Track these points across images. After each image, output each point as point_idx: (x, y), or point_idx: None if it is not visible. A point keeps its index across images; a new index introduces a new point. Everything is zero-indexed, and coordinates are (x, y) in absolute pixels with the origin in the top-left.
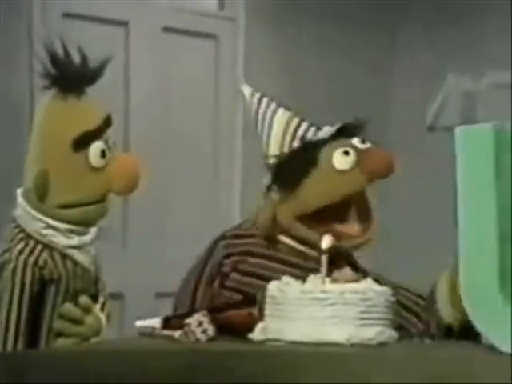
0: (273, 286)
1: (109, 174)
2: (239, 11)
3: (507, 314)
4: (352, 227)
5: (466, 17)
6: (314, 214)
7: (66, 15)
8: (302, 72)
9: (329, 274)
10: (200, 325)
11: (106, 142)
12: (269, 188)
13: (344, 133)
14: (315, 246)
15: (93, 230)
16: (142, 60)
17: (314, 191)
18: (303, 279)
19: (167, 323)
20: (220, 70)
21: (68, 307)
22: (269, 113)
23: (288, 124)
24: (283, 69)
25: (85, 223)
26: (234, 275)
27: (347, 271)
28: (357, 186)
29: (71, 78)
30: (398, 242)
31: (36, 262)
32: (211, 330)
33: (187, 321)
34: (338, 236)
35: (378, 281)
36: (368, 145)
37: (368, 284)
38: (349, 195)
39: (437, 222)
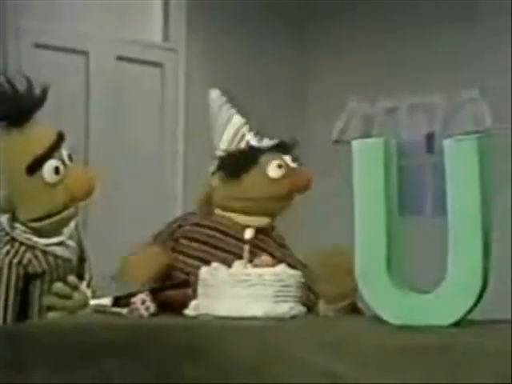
0: (204, 270)
1: (66, 186)
2: (181, 42)
3: (394, 294)
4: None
5: (370, 49)
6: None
7: (38, 45)
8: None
9: (250, 260)
10: (143, 303)
11: (61, 158)
12: (213, 174)
13: (280, 148)
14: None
15: (68, 228)
16: (100, 84)
17: (249, 186)
18: (229, 265)
19: (117, 302)
20: (165, 94)
21: (58, 285)
22: (226, 116)
23: (239, 129)
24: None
25: (55, 229)
26: (183, 241)
27: (265, 258)
28: (280, 193)
29: (16, 113)
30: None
31: (20, 262)
32: (153, 308)
33: (133, 300)
34: None
35: (291, 265)
36: (296, 164)
37: (282, 268)
38: (272, 197)
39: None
